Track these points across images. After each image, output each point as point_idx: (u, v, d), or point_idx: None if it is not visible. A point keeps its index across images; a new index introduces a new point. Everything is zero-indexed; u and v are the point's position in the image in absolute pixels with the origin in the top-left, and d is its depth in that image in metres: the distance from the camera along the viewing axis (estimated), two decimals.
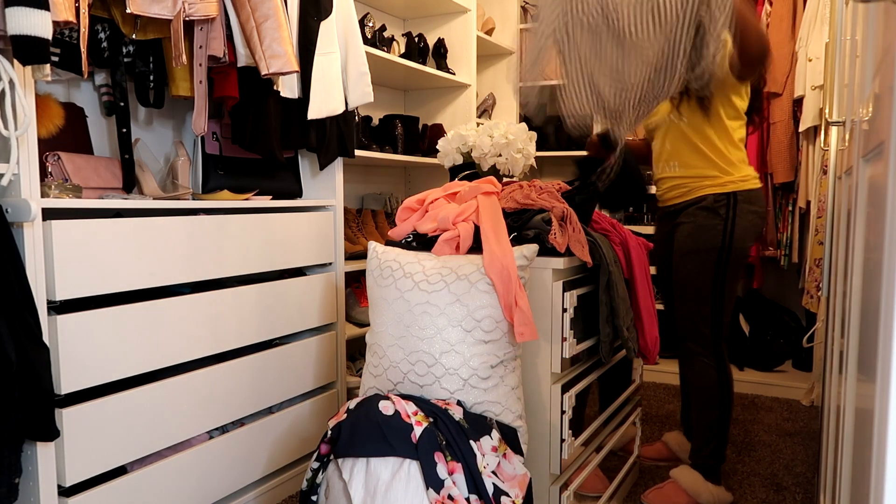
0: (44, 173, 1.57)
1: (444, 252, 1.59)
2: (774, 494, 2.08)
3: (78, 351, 1.43)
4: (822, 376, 2.59)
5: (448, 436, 1.37)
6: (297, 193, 2.20)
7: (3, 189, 1.34)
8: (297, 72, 1.74)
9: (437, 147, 2.11)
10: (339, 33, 2.09)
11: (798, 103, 3.00)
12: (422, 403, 1.42)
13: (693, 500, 2.00)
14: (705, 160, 1.96)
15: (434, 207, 1.74)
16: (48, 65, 1.29)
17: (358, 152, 2.35)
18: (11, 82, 1.28)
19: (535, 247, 1.54)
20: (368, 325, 2.10)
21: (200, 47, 1.66)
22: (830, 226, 1.66)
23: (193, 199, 1.82)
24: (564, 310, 1.60)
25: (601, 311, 1.73)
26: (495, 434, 1.44)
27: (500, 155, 1.93)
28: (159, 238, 1.61)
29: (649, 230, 3.29)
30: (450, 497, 1.29)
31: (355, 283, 2.61)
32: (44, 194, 1.41)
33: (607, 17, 1.50)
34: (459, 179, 2.02)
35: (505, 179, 1.98)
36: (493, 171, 1.92)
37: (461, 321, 1.47)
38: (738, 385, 3.14)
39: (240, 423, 1.90)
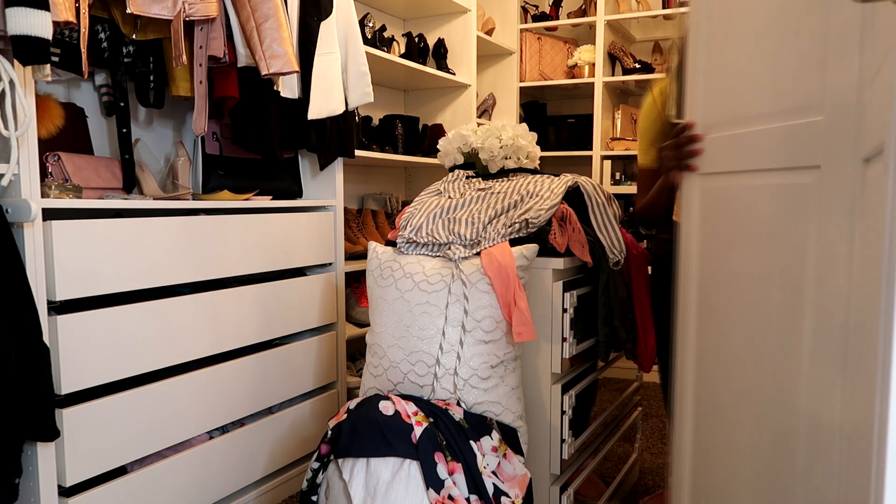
0: (44, 173, 1.56)
1: None
2: None
3: (78, 351, 1.43)
4: None
5: (448, 436, 1.37)
6: (297, 193, 2.20)
7: (3, 189, 1.34)
8: (297, 72, 1.74)
9: (438, 147, 2.10)
10: (339, 33, 2.09)
11: None
12: (422, 403, 1.42)
13: None
14: None
15: None
16: (48, 65, 1.29)
17: (358, 152, 2.35)
18: (12, 82, 1.27)
19: (535, 247, 1.54)
20: (368, 325, 2.10)
21: (200, 47, 1.66)
22: None
23: (193, 200, 1.82)
24: (565, 310, 1.60)
25: (600, 311, 1.73)
26: (495, 434, 1.44)
27: (509, 157, 1.95)
28: (159, 238, 1.61)
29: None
30: (450, 497, 1.29)
31: (355, 283, 2.61)
32: (44, 194, 1.41)
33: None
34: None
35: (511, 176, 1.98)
36: (503, 172, 1.93)
37: (461, 321, 1.47)
38: None
39: (240, 423, 1.90)
